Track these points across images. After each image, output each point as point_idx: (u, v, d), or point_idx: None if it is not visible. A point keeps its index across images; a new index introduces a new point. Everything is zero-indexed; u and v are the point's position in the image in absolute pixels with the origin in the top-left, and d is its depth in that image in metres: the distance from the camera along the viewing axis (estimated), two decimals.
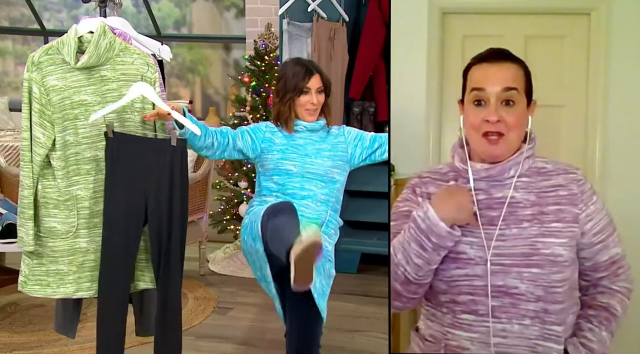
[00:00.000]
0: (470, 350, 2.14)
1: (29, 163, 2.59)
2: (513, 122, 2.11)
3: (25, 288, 2.67)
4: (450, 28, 2.96)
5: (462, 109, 2.20)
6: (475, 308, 2.13)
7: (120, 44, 2.61)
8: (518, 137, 2.14)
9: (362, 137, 2.94)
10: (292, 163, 2.80)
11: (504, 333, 2.12)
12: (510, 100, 2.11)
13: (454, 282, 2.14)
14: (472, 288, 2.12)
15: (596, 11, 2.88)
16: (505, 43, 2.93)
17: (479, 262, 2.11)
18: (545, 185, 2.16)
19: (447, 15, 2.95)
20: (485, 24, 2.94)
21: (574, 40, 2.92)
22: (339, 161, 2.86)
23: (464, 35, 2.95)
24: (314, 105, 2.81)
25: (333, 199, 2.84)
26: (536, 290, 2.09)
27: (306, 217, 2.74)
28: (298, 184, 2.78)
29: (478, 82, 2.14)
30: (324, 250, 2.75)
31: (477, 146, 2.15)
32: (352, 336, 3.79)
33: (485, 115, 2.11)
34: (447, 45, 2.94)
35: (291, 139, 2.84)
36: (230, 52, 7.77)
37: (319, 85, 2.82)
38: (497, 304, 2.10)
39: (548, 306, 2.10)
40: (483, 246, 2.11)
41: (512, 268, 2.09)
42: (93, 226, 2.64)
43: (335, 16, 4.99)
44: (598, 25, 2.88)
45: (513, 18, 2.92)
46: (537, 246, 2.09)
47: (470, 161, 2.16)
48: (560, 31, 2.93)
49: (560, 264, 2.09)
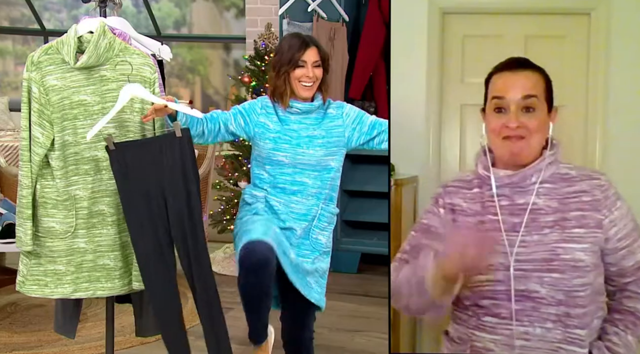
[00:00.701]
0: (495, 352, 2.16)
1: (27, 163, 2.58)
2: (533, 127, 2.12)
3: (23, 288, 2.67)
4: (450, 28, 2.96)
5: (484, 117, 2.23)
6: (498, 311, 2.14)
7: (120, 44, 2.61)
8: (539, 142, 2.16)
9: (362, 121, 2.83)
10: (283, 154, 2.75)
11: (527, 336, 2.13)
12: (531, 107, 2.13)
13: (476, 287, 2.15)
14: (494, 293, 2.13)
15: (596, 11, 2.88)
16: (505, 43, 2.94)
17: (500, 268, 2.11)
18: (568, 191, 2.16)
19: (447, 15, 2.95)
20: (485, 24, 2.95)
21: (574, 40, 2.92)
22: (333, 148, 2.79)
23: (464, 35, 2.96)
24: (310, 78, 2.71)
25: (327, 189, 2.80)
26: (557, 294, 2.09)
27: (296, 213, 2.76)
28: (289, 176, 2.76)
29: (498, 90, 2.17)
30: (317, 243, 2.78)
31: (499, 150, 2.17)
32: (352, 336, 3.79)
33: (505, 121, 2.13)
34: (447, 45, 2.94)
35: (285, 124, 2.77)
36: (230, 52, 7.78)
37: (316, 58, 2.73)
38: (520, 308, 2.11)
39: (570, 310, 2.10)
40: (505, 252, 2.11)
41: (533, 273, 2.10)
42: (91, 226, 2.64)
43: (335, 16, 4.99)
44: (598, 25, 2.88)
45: (513, 18, 2.92)
46: (558, 251, 2.09)
47: (493, 168, 2.17)
48: (560, 31, 2.93)
49: (581, 269, 2.09)
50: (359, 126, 2.82)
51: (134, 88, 2.54)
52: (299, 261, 2.78)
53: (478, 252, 2.00)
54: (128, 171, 2.54)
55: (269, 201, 2.79)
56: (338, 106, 2.85)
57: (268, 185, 2.80)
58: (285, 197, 2.76)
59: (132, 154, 2.55)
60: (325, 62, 2.76)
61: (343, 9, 5.02)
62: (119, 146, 2.54)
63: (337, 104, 2.86)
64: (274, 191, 2.78)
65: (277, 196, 2.78)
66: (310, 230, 2.79)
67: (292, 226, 2.78)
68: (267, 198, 2.79)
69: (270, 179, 2.78)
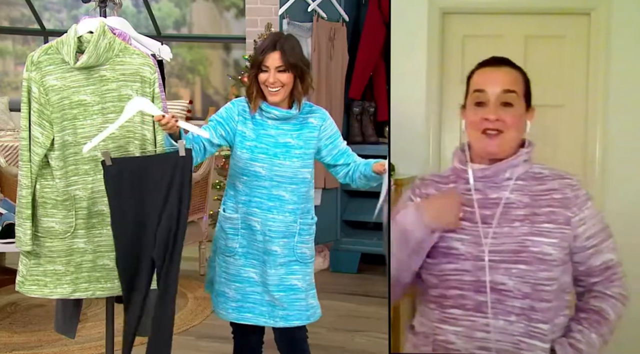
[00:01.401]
0: (456, 344, 2.20)
1: (27, 163, 2.58)
2: (511, 122, 2.19)
3: (23, 288, 2.67)
4: (450, 28, 2.95)
5: (463, 113, 2.29)
6: (463, 302, 2.19)
7: (119, 44, 2.61)
8: (515, 138, 2.22)
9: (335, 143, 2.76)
10: (260, 165, 2.66)
11: (488, 328, 2.17)
12: (509, 102, 2.19)
13: (444, 276, 2.21)
14: (461, 283, 2.19)
15: (596, 11, 2.88)
16: (505, 43, 2.93)
17: (469, 258, 2.17)
18: (540, 189, 2.22)
19: (447, 15, 2.95)
20: (485, 24, 2.94)
21: (574, 40, 2.92)
22: (309, 160, 2.72)
23: (464, 35, 2.95)
24: (272, 84, 2.61)
25: (302, 203, 2.72)
26: (523, 287, 2.14)
27: (274, 231, 2.68)
28: (266, 190, 2.67)
29: (479, 84, 2.23)
30: (303, 256, 2.75)
31: (476, 143, 2.23)
32: (352, 336, 3.79)
33: (484, 114, 2.20)
34: (447, 45, 2.93)
35: (262, 128, 2.68)
36: (230, 52, 7.77)
37: (278, 63, 2.60)
38: (484, 300, 2.16)
39: (535, 304, 2.15)
40: (474, 242, 2.17)
41: (500, 264, 2.15)
42: (91, 226, 2.64)
43: (335, 16, 4.99)
44: (598, 25, 2.87)
45: (513, 18, 2.92)
46: (526, 243, 2.15)
47: (469, 163, 2.23)
48: (560, 31, 2.93)
49: (548, 262, 2.14)
50: (331, 145, 2.75)
51: (142, 103, 2.51)
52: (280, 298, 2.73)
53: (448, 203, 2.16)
54: (122, 188, 2.48)
55: (246, 221, 2.71)
56: (321, 117, 2.74)
57: (243, 201, 2.71)
58: (262, 215, 2.68)
59: (128, 170, 2.49)
60: (293, 68, 2.62)
61: (343, 9, 5.02)
62: (116, 161, 2.49)
63: (321, 115, 2.75)
64: (249, 208, 2.69)
65: (253, 215, 2.69)
66: (294, 247, 2.72)
67: (272, 248, 2.70)
68: (243, 218, 2.71)
69: (246, 192, 2.70)
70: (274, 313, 2.73)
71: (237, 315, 2.75)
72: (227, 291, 2.75)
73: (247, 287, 2.74)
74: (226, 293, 2.76)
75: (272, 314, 2.74)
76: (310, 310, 2.78)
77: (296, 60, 2.63)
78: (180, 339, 3.81)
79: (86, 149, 2.49)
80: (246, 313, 2.74)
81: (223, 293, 2.77)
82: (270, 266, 2.71)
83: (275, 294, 2.72)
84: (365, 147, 4.92)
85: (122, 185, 2.49)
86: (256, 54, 2.67)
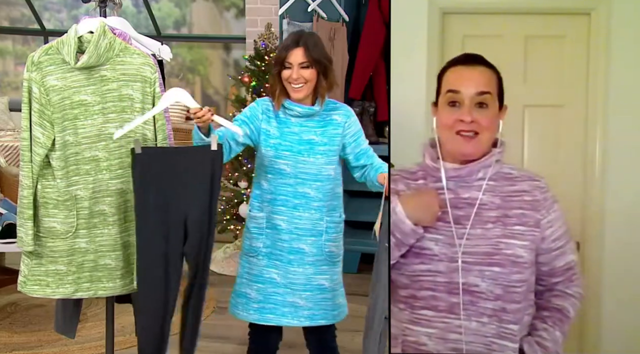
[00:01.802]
0: (428, 346, 2.20)
1: (28, 163, 2.58)
2: (486, 123, 2.18)
3: (25, 288, 2.67)
4: (450, 28, 2.95)
5: (435, 111, 2.28)
6: (435, 303, 2.19)
7: (120, 44, 2.61)
8: (489, 139, 2.22)
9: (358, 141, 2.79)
10: (285, 162, 2.69)
11: (461, 329, 2.18)
12: (484, 103, 2.18)
13: (416, 277, 2.21)
14: (434, 284, 2.19)
15: (596, 11, 2.88)
16: (505, 43, 2.93)
17: (443, 259, 2.18)
18: (511, 190, 2.23)
19: (447, 15, 2.94)
20: (485, 24, 2.94)
21: (574, 40, 2.92)
22: (333, 156, 2.74)
23: (464, 35, 2.95)
24: (296, 80, 2.64)
25: (328, 200, 2.75)
26: (496, 289, 2.16)
27: (301, 228, 2.71)
28: (291, 187, 2.69)
29: (453, 84, 2.21)
30: (332, 255, 2.76)
31: (451, 144, 2.22)
32: (352, 336, 3.79)
33: (459, 115, 2.18)
34: (447, 45, 2.93)
35: (285, 126, 2.71)
36: (230, 52, 7.78)
37: (302, 59, 2.64)
38: (457, 301, 2.17)
39: (506, 305, 2.17)
40: (447, 243, 2.18)
41: (474, 266, 2.16)
42: (92, 226, 2.64)
43: (335, 16, 4.99)
44: (598, 25, 2.87)
45: (513, 18, 2.92)
46: (500, 246, 2.16)
47: (441, 161, 2.22)
48: (560, 31, 2.93)
49: (520, 265, 2.16)
50: (354, 144, 2.78)
51: (180, 93, 2.53)
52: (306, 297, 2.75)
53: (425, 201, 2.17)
54: (150, 179, 2.49)
55: (271, 221, 2.73)
56: (345, 114, 2.77)
57: (268, 200, 2.73)
58: (288, 213, 2.70)
59: (158, 160, 2.50)
60: (317, 64, 2.66)
61: (343, 9, 5.02)
62: (146, 150, 2.50)
63: (345, 112, 2.78)
64: (275, 207, 2.71)
65: (279, 213, 2.71)
66: (322, 245, 2.74)
67: (300, 247, 2.72)
68: (269, 217, 2.73)
69: (271, 190, 2.71)
70: (297, 313, 2.74)
71: (258, 316, 2.76)
72: (249, 292, 2.76)
73: (269, 288, 2.75)
74: (248, 294, 2.76)
75: (296, 314, 2.75)
76: (336, 310, 2.82)
77: (319, 56, 2.67)
78: None
79: (117, 135, 2.52)
80: (268, 314, 2.75)
81: (244, 294, 2.77)
82: (298, 264, 2.72)
83: (302, 294, 2.73)
84: None
85: (150, 174, 2.50)
86: (279, 52, 2.69)
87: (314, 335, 2.86)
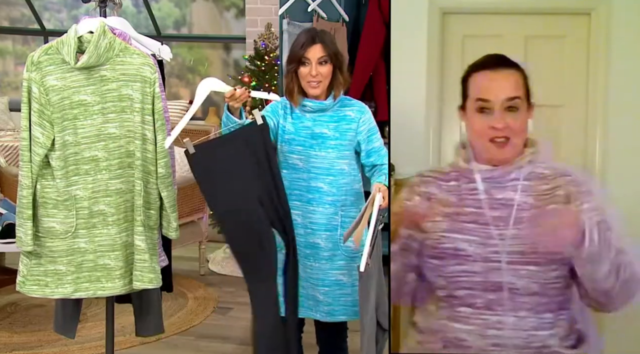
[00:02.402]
0: (467, 341, 2.22)
1: (28, 163, 2.58)
2: (518, 128, 2.19)
3: (24, 288, 2.67)
4: (450, 28, 2.95)
5: (463, 115, 2.28)
6: (473, 301, 2.21)
7: (120, 44, 2.61)
8: (521, 142, 2.23)
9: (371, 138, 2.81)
10: (297, 157, 2.72)
11: (500, 325, 2.19)
12: (514, 107, 2.20)
13: (453, 278, 2.22)
14: (471, 284, 2.20)
15: (596, 11, 2.88)
16: (505, 43, 2.93)
17: (477, 260, 2.18)
18: (544, 189, 2.23)
19: (447, 15, 2.94)
20: (485, 24, 2.94)
21: (574, 40, 2.92)
22: (345, 151, 2.75)
23: (464, 35, 2.95)
24: (314, 77, 2.68)
25: (343, 195, 2.75)
26: (533, 286, 2.17)
27: (316, 223, 2.72)
28: (305, 182, 2.72)
29: (482, 92, 2.21)
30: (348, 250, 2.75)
31: (485, 151, 2.23)
32: (352, 336, 3.79)
33: (490, 122, 2.19)
34: (447, 45, 2.93)
35: (300, 121, 2.74)
36: (230, 52, 7.77)
37: (321, 55, 2.67)
38: (494, 298, 2.18)
39: (542, 299, 2.18)
40: (481, 243, 2.18)
41: (509, 265, 2.16)
42: (92, 226, 2.64)
43: (335, 16, 4.99)
44: (598, 25, 2.87)
45: (513, 18, 2.92)
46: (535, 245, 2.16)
47: (474, 162, 2.23)
48: (560, 31, 2.93)
49: (557, 262, 2.16)
50: (367, 140, 2.80)
51: (213, 83, 2.57)
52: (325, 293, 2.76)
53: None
54: (215, 172, 2.51)
55: None
56: (359, 110, 2.81)
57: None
58: (303, 208, 2.72)
59: (215, 154, 2.53)
60: (333, 58, 2.70)
61: (343, 9, 5.02)
62: (199, 148, 2.51)
63: (359, 108, 2.81)
64: (290, 202, 2.71)
65: (294, 208, 2.72)
66: (338, 240, 2.74)
67: (315, 241, 2.73)
68: None
69: (286, 185, 2.71)
70: (318, 307, 2.76)
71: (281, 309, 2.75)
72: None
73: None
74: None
75: (317, 308, 2.76)
76: (357, 306, 2.77)
77: (336, 51, 2.73)
78: (180, 339, 3.82)
79: (167, 143, 2.56)
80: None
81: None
82: (314, 259, 2.74)
83: (320, 289, 2.74)
84: None
85: (213, 170, 2.52)
86: (295, 50, 2.70)
87: (327, 332, 2.87)
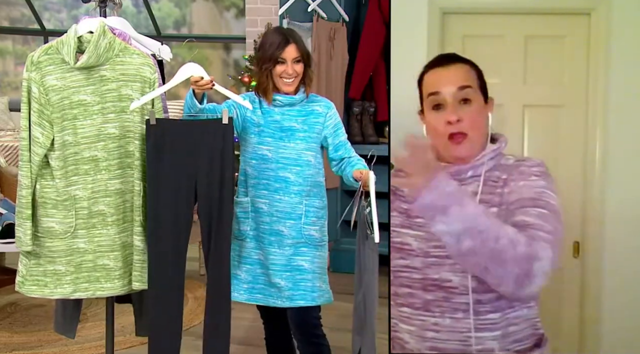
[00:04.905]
0: (410, 344, 2.18)
1: (27, 163, 2.58)
2: (472, 120, 2.15)
3: (23, 288, 2.67)
4: (450, 28, 2.95)
5: (422, 118, 2.26)
6: (412, 300, 2.18)
7: (119, 44, 2.61)
8: (480, 136, 2.19)
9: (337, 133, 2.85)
10: (267, 148, 2.80)
11: (437, 327, 2.14)
12: (467, 98, 2.16)
13: (397, 272, 2.22)
14: (410, 281, 2.19)
15: (596, 11, 2.88)
16: (505, 43, 2.93)
17: (419, 254, 2.16)
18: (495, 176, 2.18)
19: (447, 15, 2.95)
20: (485, 24, 2.94)
21: (574, 40, 2.92)
22: (312, 143, 2.82)
23: (464, 35, 2.95)
24: (290, 75, 2.77)
25: (308, 186, 2.81)
26: (470, 283, 2.10)
27: (281, 211, 2.78)
28: (273, 172, 2.79)
29: (433, 86, 2.20)
30: (311, 238, 2.83)
31: (444, 149, 2.20)
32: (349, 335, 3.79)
33: (445, 116, 2.16)
34: (447, 45, 2.93)
35: (269, 115, 2.82)
36: (230, 52, 7.78)
37: (295, 55, 2.77)
38: (432, 298, 2.14)
39: (481, 297, 2.10)
40: (425, 238, 2.14)
41: (446, 260, 2.11)
42: (91, 226, 2.63)
43: (335, 16, 4.99)
44: (598, 25, 2.87)
45: (513, 18, 2.92)
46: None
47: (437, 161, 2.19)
48: (560, 31, 2.93)
49: None
50: (334, 134, 2.85)
51: (193, 67, 2.64)
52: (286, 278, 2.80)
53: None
54: (163, 149, 2.57)
55: (255, 204, 2.82)
56: (326, 105, 2.87)
57: (252, 184, 2.82)
58: (269, 196, 2.79)
59: (171, 131, 2.59)
60: (305, 57, 2.80)
61: (343, 9, 5.02)
62: (160, 121, 2.59)
63: (326, 104, 2.88)
64: (258, 191, 2.81)
65: (261, 197, 2.80)
66: (301, 228, 2.81)
67: (279, 228, 2.80)
68: (253, 201, 2.82)
69: (254, 175, 2.81)
70: (280, 293, 2.81)
71: (248, 296, 2.86)
72: (239, 273, 2.84)
73: (257, 269, 2.84)
74: (238, 275, 2.84)
75: (279, 295, 2.81)
76: (317, 292, 2.84)
77: (306, 49, 2.83)
78: None
79: (133, 106, 2.57)
80: (257, 294, 2.85)
81: (235, 275, 2.84)
82: (278, 246, 2.80)
83: (282, 274, 2.79)
84: (365, 147, 4.91)
85: (164, 147, 2.58)
86: (270, 50, 2.78)
87: (296, 320, 2.89)
